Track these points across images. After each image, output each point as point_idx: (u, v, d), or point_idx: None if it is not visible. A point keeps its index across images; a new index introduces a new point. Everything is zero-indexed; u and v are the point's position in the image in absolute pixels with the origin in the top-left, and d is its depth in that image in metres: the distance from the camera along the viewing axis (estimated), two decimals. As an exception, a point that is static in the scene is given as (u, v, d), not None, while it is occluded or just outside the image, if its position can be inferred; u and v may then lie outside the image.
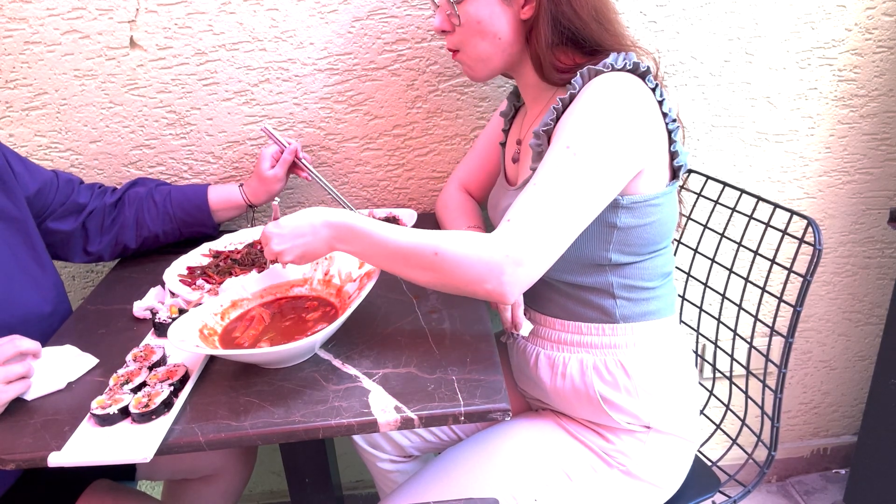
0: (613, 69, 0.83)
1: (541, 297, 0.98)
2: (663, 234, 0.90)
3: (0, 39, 1.18)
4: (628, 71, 0.84)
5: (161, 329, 0.92)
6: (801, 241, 1.02)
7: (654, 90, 0.84)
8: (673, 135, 0.87)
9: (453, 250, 0.77)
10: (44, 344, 0.88)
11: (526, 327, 0.95)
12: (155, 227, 1.17)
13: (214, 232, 1.24)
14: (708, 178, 1.24)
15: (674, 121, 0.87)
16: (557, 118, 0.86)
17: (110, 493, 1.04)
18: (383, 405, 0.75)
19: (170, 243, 1.21)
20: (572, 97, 0.84)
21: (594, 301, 0.92)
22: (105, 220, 1.15)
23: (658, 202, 0.87)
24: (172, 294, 1.04)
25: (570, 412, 0.98)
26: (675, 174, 0.90)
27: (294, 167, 1.22)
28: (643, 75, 0.84)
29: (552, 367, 0.96)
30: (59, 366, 0.84)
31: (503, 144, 1.10)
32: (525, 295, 0.95)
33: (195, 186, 1.21)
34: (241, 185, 1.22)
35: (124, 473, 1.15)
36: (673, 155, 0.88)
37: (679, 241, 1.30)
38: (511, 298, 0.78)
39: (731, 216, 1.17)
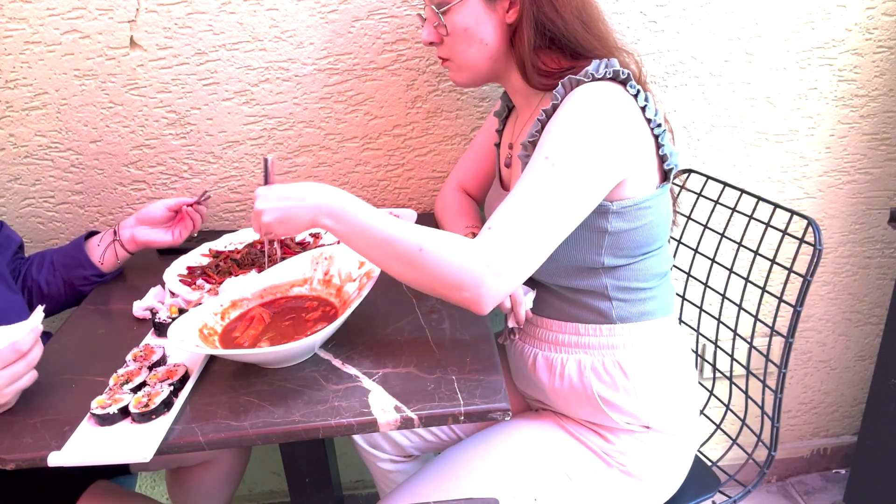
0: (594, 78, 0.83)
1: (537, 299, 0.98)
2: (656, 236, 0.90)
3: (0, 39, 1.18)
4: (609, 79, 0.84)
5: (161, 329, 0.92)
6: (802, 241, 1.02)
7: (636, 96, 0.84)
8: (660, 139, 0.87)
9: (437, 251, 0.77)
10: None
11: (528, 300, 0.96)
12: (38, 277, 1.11)
13: (96, 272, 1.12)
14: (708, 178, 1.24)
15: (659, 125, 0.86)
16: (542, 129, 0.86)
17: (110, 495, 1.04)
18: (383, 405, 0.75)
19: (55, 297, 1.13)
20: (555, 108, 0.84)
21: (590, 303, 0.92)
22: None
23: (648, 205, 0.87)
24: (172, 294, 1.04)
25: (569, 412, 0.98)
26: (665, 176, 0.90)
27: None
28: (624, 82, 0.84)
29: (550, 369, 0.96)
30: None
31: (497, 145, 1.10)
32: None
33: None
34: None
35: (120, 466, 1.16)
36: (662, 158, 0.88)
37: (679, 241, 1.30)
38: (486, 310, 0.78)
39: (731, 216, 1.17)
